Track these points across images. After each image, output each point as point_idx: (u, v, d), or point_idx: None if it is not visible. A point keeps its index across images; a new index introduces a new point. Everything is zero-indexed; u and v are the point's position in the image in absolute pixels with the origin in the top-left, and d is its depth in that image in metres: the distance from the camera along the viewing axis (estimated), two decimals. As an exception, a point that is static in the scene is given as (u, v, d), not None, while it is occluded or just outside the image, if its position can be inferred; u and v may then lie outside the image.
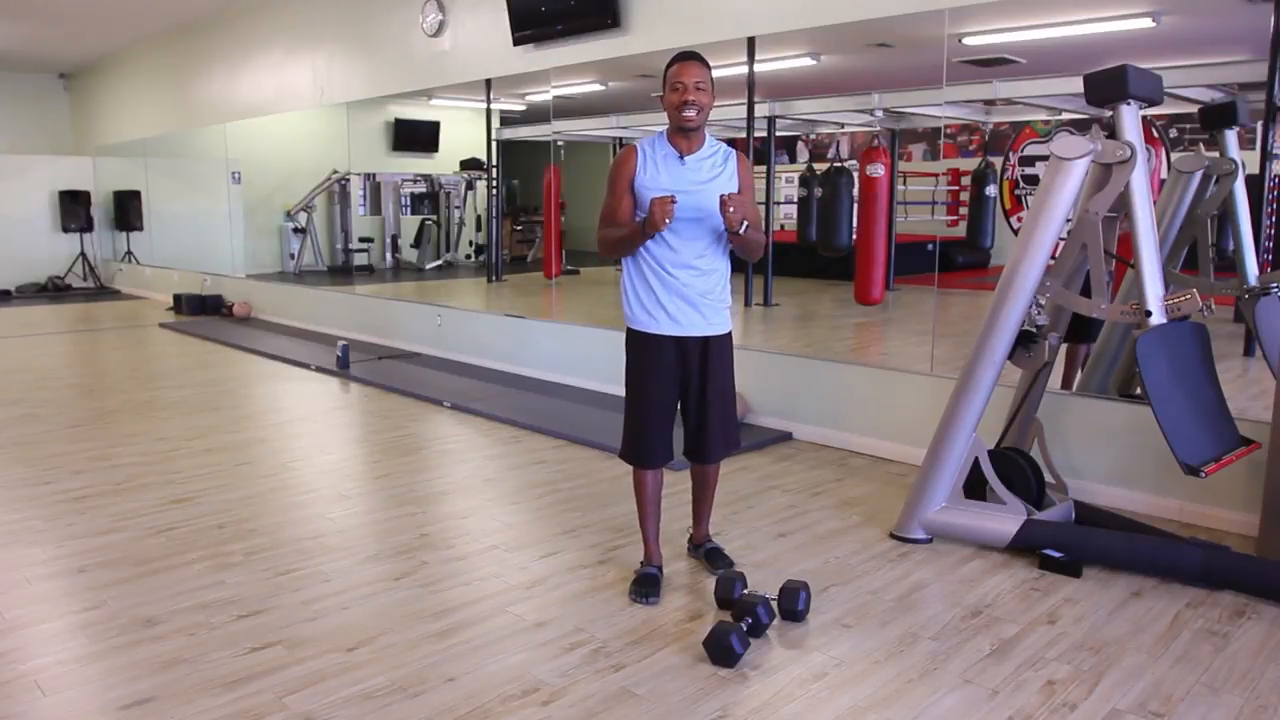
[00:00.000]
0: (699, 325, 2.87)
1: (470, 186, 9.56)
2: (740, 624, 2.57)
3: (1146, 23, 4.00)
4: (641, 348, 2.91)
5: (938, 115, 4.78)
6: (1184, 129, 4.62)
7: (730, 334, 2.96)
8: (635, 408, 2.94)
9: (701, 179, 2.82)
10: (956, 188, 6.31)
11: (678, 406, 2.96)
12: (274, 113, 9.09)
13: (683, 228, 2.80)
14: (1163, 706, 2.31)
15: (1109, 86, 3.14)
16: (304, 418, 5.44)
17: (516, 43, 6.20)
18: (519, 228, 9.96)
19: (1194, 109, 4.12)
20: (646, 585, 2.92)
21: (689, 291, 2.84)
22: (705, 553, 3.17)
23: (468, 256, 9.90)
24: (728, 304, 2.95)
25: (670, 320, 2.85)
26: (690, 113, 2.76)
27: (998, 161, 6.34)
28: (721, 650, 2.49)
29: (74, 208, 12.71)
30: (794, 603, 2.75)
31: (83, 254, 12.86)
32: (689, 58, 2.79)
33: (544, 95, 6.38)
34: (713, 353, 2.90)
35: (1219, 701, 2.33)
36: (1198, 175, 3.73)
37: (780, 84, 5.61)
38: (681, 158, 2.84)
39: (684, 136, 2.83)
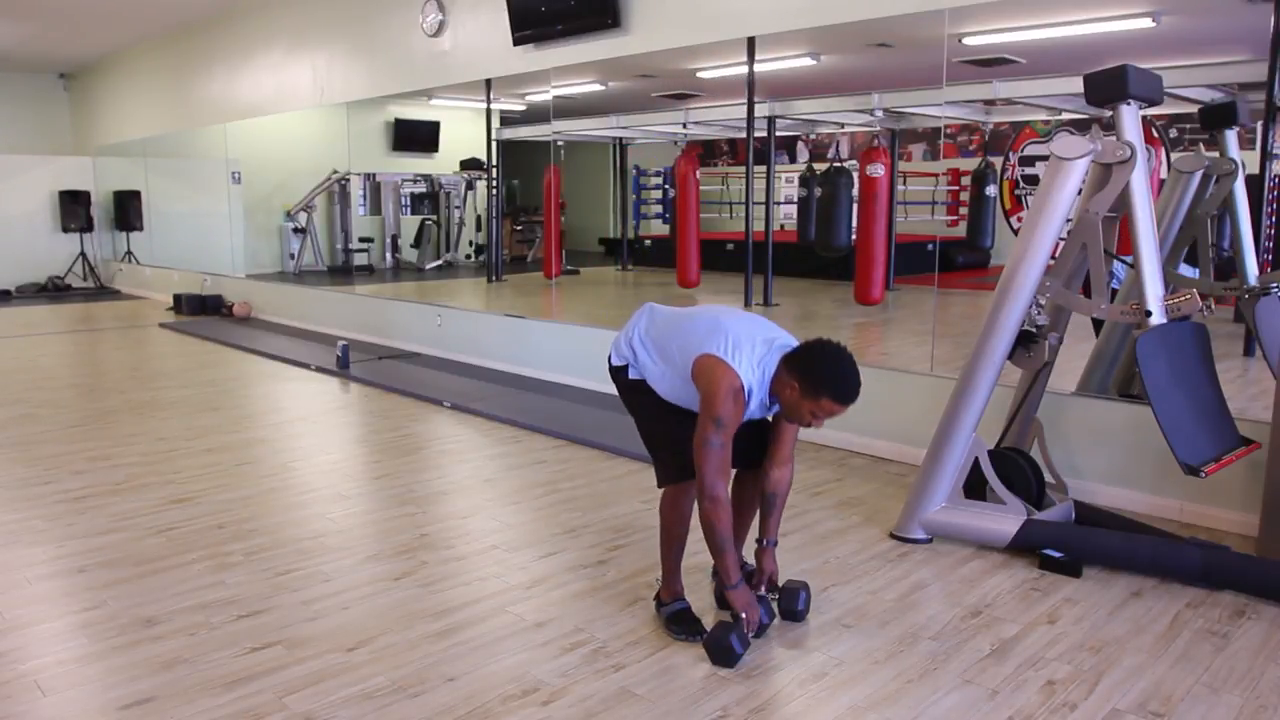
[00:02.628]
0: None
1: (470, 186, 9.57)
2: (740, 624, 2.56)
3: (1146, 23, 4.01)
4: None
5: (938, 115, 4.79)
6: (1184, 129, 4.62)
7: None
8: (669, 427, 2.69)
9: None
10: (956, 188, 6.31)
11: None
12: (274, 113, 9.09)
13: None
14: (1163, 706, 2.31)
15: (1109, 86, 3.14)
16: (304, 418, 5.44)
17: (516, 43, 6.20)
18: (519, 228, 9.98)
19: (1194, 109, 4.12)
20: (691, 622, 2.68)
21: None
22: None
23: (468, 256, 9.91)
24: None
25: None
26: (822, 423, 2.54)
27: (998, 161, 6.34)
28: (721, 650, 2.49)
29: (74, 208, 12.70)
30: (794, 603, 2.75)
31: (83, 254, 12.86)
32: (854, 398, 2.49)
33: (544, 95, 6.39)
34: None
35: (1219, 701, 2.33)
36: (1198, 175, 3.73)
37: (780, 84, 5.62)
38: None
39: None
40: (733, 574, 2.55)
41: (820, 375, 2.46)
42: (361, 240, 9.88)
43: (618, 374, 2.78)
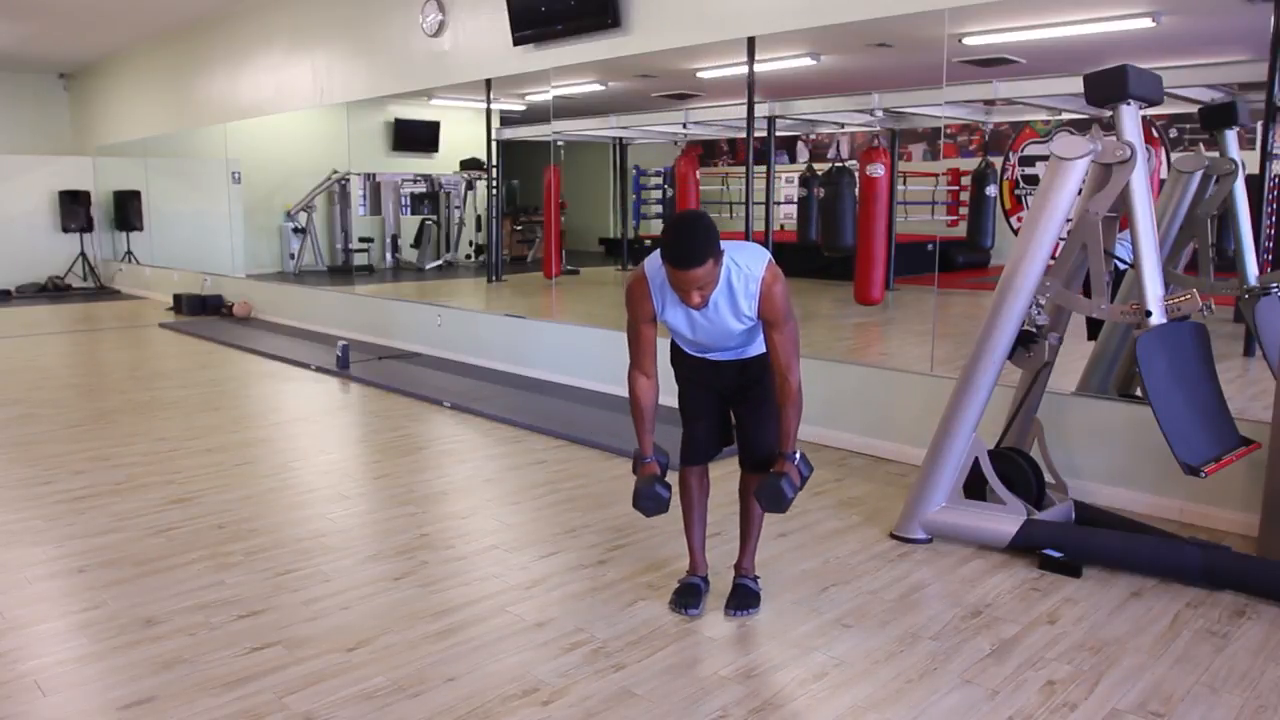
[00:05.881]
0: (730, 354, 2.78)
1: (470, 186, 9.57)
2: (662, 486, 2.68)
3: (1146, 23, 4.01)
4: (679, 357, 2.85)
5: (938, 115, 4.78)
6: (1184, 129, 4.62)
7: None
8: (680, 409, 2.89)
9: (720, 313, 2.58)
10: (956, 188, 6.31)
11: (721, 410, 2.86)
12: (274, 113, 9.09)
13: (706, 338, 2.69)
14: (1163, 706, 2.31)
15: (1109, 86, 3.14)
16: (304, 418, 5.44)
17: (516, 43, 6.20)
18: (519, 228, 9.97)
19: (1194, 109, 4.12)
20: (687, 595, 2.83)
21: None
22: (734, 586, 2.90)
23: (468, 256, 9.91)
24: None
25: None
26: (696, 300, 2.44)
27: (998, 161, 6.34)
28: (637, 494, 2.67)
29: (74, 208, 12.70)
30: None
31: (83, 254, 12.86)
32: (679, 262, 2.34)
33: (544, 95, 6.39)
34: (752, 367, 2.80)
35: (1219, 701, 2.33)
36: (1198, 175, 3.73)
37: (780, 84, 5.61)
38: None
39: None
40: (641, 449, 2.72)
41: (661, 242, 2.39)
42: (361, 240, 9.88)
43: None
